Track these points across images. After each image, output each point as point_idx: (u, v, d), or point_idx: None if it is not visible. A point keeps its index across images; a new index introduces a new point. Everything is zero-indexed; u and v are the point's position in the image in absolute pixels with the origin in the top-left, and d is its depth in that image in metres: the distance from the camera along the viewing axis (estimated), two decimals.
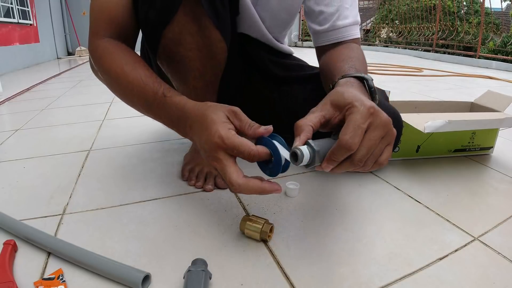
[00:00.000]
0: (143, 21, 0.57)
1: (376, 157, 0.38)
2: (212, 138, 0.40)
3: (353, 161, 0.37)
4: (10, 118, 1.37)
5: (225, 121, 0.42)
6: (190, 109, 0.46)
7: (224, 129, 0.40)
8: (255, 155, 0.40)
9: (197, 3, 0.54)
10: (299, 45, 5.74)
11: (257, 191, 0.40)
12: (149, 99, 0.50)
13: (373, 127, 0.37)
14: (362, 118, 0.37)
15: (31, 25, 3.92)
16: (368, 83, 0.48)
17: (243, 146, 0.40)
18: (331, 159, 0.38)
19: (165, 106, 0.48)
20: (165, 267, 0.45)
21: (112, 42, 0.55)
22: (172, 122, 0.49)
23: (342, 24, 0.65)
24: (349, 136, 0.36)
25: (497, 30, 4.14)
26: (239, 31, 0.74)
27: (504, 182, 0.70)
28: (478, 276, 0.43)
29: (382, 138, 0.38)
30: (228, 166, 0.40)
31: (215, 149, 0.41)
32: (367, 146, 0.37)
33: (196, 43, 0.57)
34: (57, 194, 0.66)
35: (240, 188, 0.40)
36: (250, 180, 0.40)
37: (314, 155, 0.38)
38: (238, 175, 0.40)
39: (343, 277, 0.43)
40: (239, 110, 0.43)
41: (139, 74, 0.51)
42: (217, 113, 0.42)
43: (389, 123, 0.38)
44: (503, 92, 0.89)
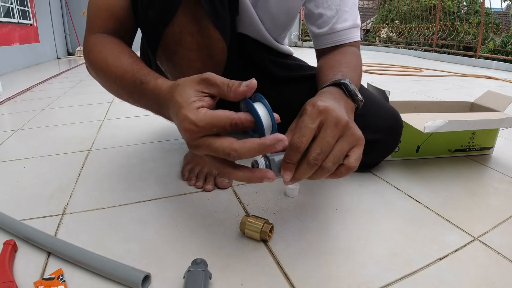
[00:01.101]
0: (143, 21, 0.57)
1: (338, 158, 0.37)
2: (185, 126, 0.36)
3: (308, 162, 0.37)
4: (10, 118, 1.37)
5: (193, 99, 0.36)
6: (164, 93, 0.42)
7: (192, 112, 0.35)
8: (238, 124, 0.35)
9: (197, 3, 0.54)
10: (299, 45, 5.74)
11: (258, 149, 0.35)
12: (130, 88, 0.47)
13: (325, 125, 0.37)
14: (309, 118, 0.37)
15: (31, 25, 3.92)
16: (346, 88, 0.47)
17: (220, 120, 0.35)
18: (286, 162, 0.37)
19: (144, 94, 0.45)
20: (165, 267, 0.45)
21: (103, 36, 0.55)
22: (155, 109, 0.46)
23: (341, 27, 0.65)
24: (297, 135, 0.37)
25: (497, 30, 4.13)
26: (239, 31, 0.74)
27: (504, 182, 0.70)
28: (478, 276, 0.43)
29: (340, 138, 0.38)
30: (214, 142, 0.35)
31: (191, 137, 0.36)
32: (320, 145, 0.37)
33: (196, 43, 0.57)
34: (57, 194, 0.66)
35: (238, 152, 0.34)
36: (246, 141, 0.35)
37: (270, 164, 0.39)
38: (230, 142, 0.35)
39: (343, 277, 0.43)
40: (211, 76, 0.38)
41: (121, 63, 0.49)
42: (183, 93, 0.37)
43: (343, 122, 0.38)
44: (503, 92, 0.89)
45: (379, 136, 0.67)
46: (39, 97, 1.77)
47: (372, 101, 0.69)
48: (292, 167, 0.38)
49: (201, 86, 0.38)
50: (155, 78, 0.45)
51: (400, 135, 0.71)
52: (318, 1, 0.66)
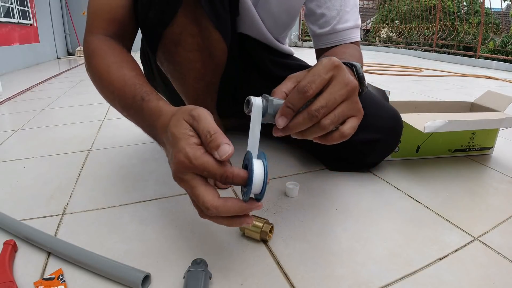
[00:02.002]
0: (143, 22, 0.57)
1: (338, 119, 0.36)
2: (178, 157, 0.34)
3: (310, 112, 0.35)
4: (10, 118, 1.37)
5: (189, 134, 0.35)
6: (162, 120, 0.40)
7: (190, 147, 0.34)
8: (229, 178, 0.34)
9: (197, 4, 0.54)
10: (299, 45, 5.74)
11: (236, 211, 0.35)
12: (128, 102, 0.46)
13: (335, 81, 0.36)
14: (323, 68, 0.36)
15: (31, 25, 3.92)
16: (357, 70, 0.47)
17: (215, 168, 0.34)
18: (286, 106, 0.35)
19: (142, 112, 0.44)
20: (165, 267, 0.45)
21: (106, 40, 0.54)
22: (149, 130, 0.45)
23: (343, 27, 0.65)
24: (307, 80, 0.35)
25: (497, 30, 4.14)
26: (239, 31, 0.74)
27: (504, 182, 0.70)
28: (478, 276, 0.43)
29: (345, 100, 0.36)
30: (199, 187, 0.34)
31: (182, 169, 0.35)
32: (325, 98, 0.35)
33: (197, 44, 0.57)
34: (57, 194, 0.66)
35: (218, 210, 0.34)
36: (228, 200, 0.34)
37: (267, 104, 0.36)
38: (214, 196, 0.34)
39: (343, 277, 0.43)
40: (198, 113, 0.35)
41: (123, 74, 0.48)
42: (178, 125, 0.36)
43: (353, 85, 0.37)
44: (503, 92, 0.89)
45: (379, 136, 0.67)
46: (39, 97, 1.77)
47: (372, 101, 0.69)
48: (291, 114, 0.36)
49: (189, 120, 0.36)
50: (158, 99, 0.44)
51: (400, 135, 0.71)
52: (319, 1, 0.66)
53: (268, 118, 0.37)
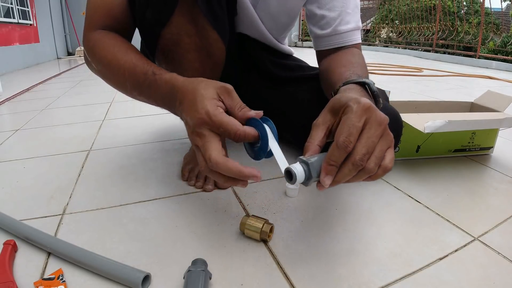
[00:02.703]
0: (140, 22, 0.57)
1: (380, 159, 0.37)
2: (199, 114, 0.39)
3: (354, 163, 0.35)
4: (10, 118, 1.37)
5: (214, 97, 0.41)
6: (180, 85, 0.45)
7: (212, 106, 0.39)
8: (241, 135, 0.39)
9: (194, 4, 0.54)
10: (299, 45, 5.74)
11: (234, 172, 0.38)
12: (140, 80, 0.49)
13: (369, 124, 0.36)
14: (356, 117, 0.36)
15: (31, 25, 3.92)
16: (370, 87, 0.47)
17: (229, 124, 0.39)
18: (329, 164, 0.36)
19: (156, 84, 0.48)
20: (165, 267, 0.45)
21: (105, 32, 0.56)
22: (163, 100, 0.48)
23: (344, 29, 0.65)
24: (344, 135, 0.35)
25: (497, 30, 4.14)
26: (238, 31, 0.74)
27: (504, 182, 0.70)
28: (478, 276, 0.43)
29: (381, 137, 0.37)
30: (211, 142, 0.39)
31: (200, 124, 0.39)
32: (365, 145, 0.35)
33: (194, 44, 0.57)
34: (57, 194, 0.66)
35: (217, 166, 0.38)
36: (229, 161, 0.38)
37: (309, 168, 0.36)
38: (219, 153, 0.38)
39: (343, 277, 0.43)
40: (231, 88, 0.42)
41: (130, 57, 0.51)
42: (208, 89, 0.41)
43: (385, 122, 0.37)
44: (503, 92, 0.89)
45: None
46: (39, 97, 1.77)
47: None
48: (335, 170, 0.36)
49: (222, 92, 0.42)
50: (167, 72, 0.48)
51: (400, 135, 0.71)
52: (320, 3, 0.66)
53: (313, 180, 0.37)
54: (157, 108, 1.31)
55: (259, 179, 0.38)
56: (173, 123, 1.11)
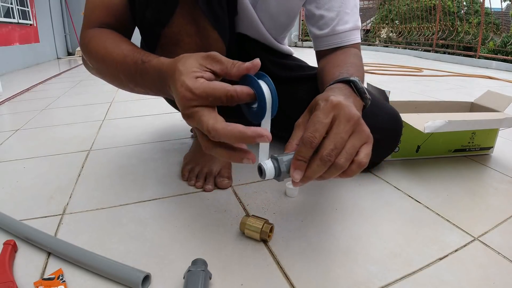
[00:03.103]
0: (140, 21, 0.57)
1: (351, 155, 0.37)
2: (180, 93, 0.36)
3: (322, 158, 0.35)
4: (10, 118, 1.37)
5: (193, 70, 0.37)
6: (165, 68, 0.42)
7: (190, 79, 0.36)
8: (234, 96, 0.36)
9: (195, 4, 0.54)
10: (299, 45, 5.74)
11: (237, 136, 0.34)
12: (132, 70, 0.48)
13: (338, 121, 0.36)
14: (323, 113, 0.36)
15: (31, 25, 3.92)
16: (355, 85, 0.47)
17: (216, 89, 0.35)
18: (297, 159, 0.36)
19: (146, 72, 0.46)
20: (165, 267, 0.45)
21: (100, 29, 0.55)
22: (156, 87, 0.46)
23: (342, 29, 0.65)
24: (309, 130, 0.36)
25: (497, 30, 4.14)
26: (238, 31, 0.74)
27: (504, 182, 0.70)
28: (478, 276, 0.43)
29: (352, 134, 0.37)
30: (204, 115, 0.36)
31: (186, 104, 0.36)
32: (333, 140, 0.36)
33: (195, 44, 0.57)
34: (57, 194, 0.66)
35: (218, 133, 0.35)
36: (230, 124, 0.35)
37: (279, 165, 0.37)
38: (216, 121, 0.35)
39: (343, 277, 0.43)
40: (216, 54, 0.38)
41: (121, 49, 0.50)
42: (186, 63, 0.38)
43: (354, 117, 0.37)
44: (503, 92, 0.89)
45: (379, 136, 0.66)
46: (39, 97, 1.77)
47: (372, 101, 0.69)
48: (303, 165, 0.36)
49: (206, 61, 0.38)
50: (157, 57, 0.46)
51: (400, 135, 0.71)
52: (319, 3, 0.66)
53: (283, 176, 0.38)
54: (157, 108, 1.32)
55: (267, 138, 0.34)
56: (173, 123, 1.11)
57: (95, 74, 0.59)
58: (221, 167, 0.69)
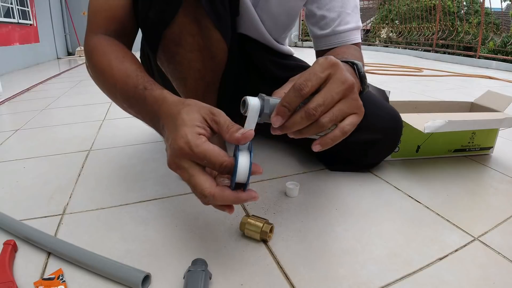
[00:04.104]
0: (143, 21, 0.57)
1: (336, 117, 0.36)
2: (178, 143, 0.35)
3: (307, 110, 0.34)
4: (10, 118, 1.37)
5: (197, 124, 0.36)
6: (166, 106, 0.41)
7: (193, 135, 0.35)
8: (227, 168, 0.35)
9: (198, 4, 0.54)
10: (299, 45, 5.74)
11: (232, 200, 0.36)
12: (130, 92, 0.46)
13: (332, 80, 0.36)
14: (320, 67, 0.35)
15: (31, 25, 3.92)
16: (358, 68, 0.47)
17: (214, 157, 0.35)
18: (282, 105, 0.35)
19: (144, 100, 0.44)
20: (165, 267, 0.45)
21: (105, 38, 0.55)
22: (148, 117, 0.45)
23: (343, 29, 0.65)
24: (302, 79, 0.35)
25: (497, 30, 4.13)
26: (239, 31, 0.74)
27: (504, 182, 0.70)
28: (478, 276, 0.43)
29: (343, 98, 0.36)
30: (197, 175, 0.35)
31: (180, 156, 0.35)
32: (322, 96, 0.35)
33: (197, 43, 0.57)
34: (57, 194, 0.66)
35: (214, 198, 0.35)
36: (225, 190, 0.36)
37: (264, 104, 0.35)
38: (211, 185, 0.35)
39: (343, 277, 0.43)
40: (218, 112, 0.38)
41: (125, 67, 0.49)
42: (191, 114, 0.37)
43: (350, 83, 0.36)
44: (503, 92, 0.89)
45: (379, 136, 0.67)
46: (39, 97, 1.77)
47: (372, 101, 0.69)
48: (286, 113, 0.35)
49: (208, 117, 0.38)
50: (161, 88, 0.45)
51: (400, 135, 0.71)
52: (320, 3, 0.66)
53: (264, 117, 0.37)
54: None
55: (257, 199, 0.37)
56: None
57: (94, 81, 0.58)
58: None
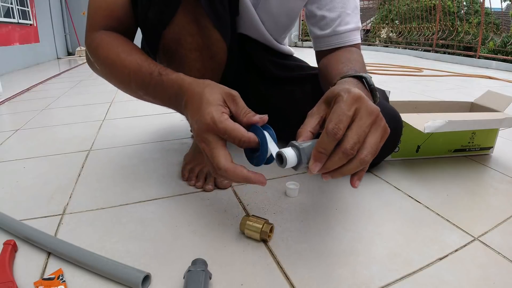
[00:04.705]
0: (143, 21, 0.57)
1: (374, 151, 0.37)
2: (205, 120, 0.40)
3: (345, 151, 0.35)
4: (10, 118, 1.37)
5: (220, 104, 0.42)
6: (187, 86, 0.46)
7: (218, 112, 0.40)
8: (245, 142, 0.40)
9: (197, 3, 0.54)
10: (299, 45, 5.74)
11: (242, 178, 0.40)
12: (146, 80, 0.50)
13: (360, 114, 0.36)
14: (346, 105, 0.36)
15: (31, 25, 3.92)
16: (367, 81, 0.47)
17: (235, 131, 0.40)
18: (318, 151, 0.35)
19: (162, 84, 0.49)
20: (165, 267, 0.45)
21: (107, 33, 0.56)
22: (169, 99, 0.49)
23: (343, 29, 0.65)
24: (334, 122, 0.35)
25: (497, 30, 4.13)
26: (239, 31, 0.74)
27: (504, 182, 0.70)
28: (478, 276, 0.43)
29: (372, 128, 0.37)
30: (217, 149, 0.40)
31: (206, 131, 0.41)
32: (356, 133, 0.35)
33: (196, 43, 0.57)
34: (57, 194, 0.66)
35: (226, 173, 0.40)
36: (237, 167, 0.40)
37: (300, 154, 0.36)
38: (227, 160, 0.40)
39: (343, 277, 0.43)
40: (237, 95, 0.43)
41: (135, 58, 0.51)
42: (214, 94, 0.42)
43: (376, 111, 0.37)
44: (503, 92, 0.89)
45: None
46: (39, 97, 1.77)
47: None
48: (324, 158, 0.36)
49: (228, 99, 0.43)
50: (173, 72, 0.49)
51: (400, 135, 0.71)
52: (320, 3, 0.66)
53: (302, 166, 0.37)
54: (157, 108, 1.32)
55: (264, 184, 0.41)
56: (173, 123, 1.11)
57: (101, 76, 0.59)
58: None
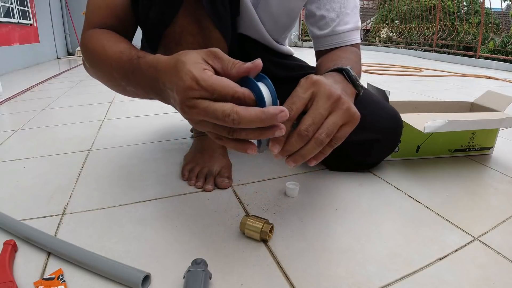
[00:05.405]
0: (143, 21, 0.57)
1: (331, 131, 0.37)
2: (184, 82, 0.33)
3: (299, 133, 0.36)
4: (10, 118, 1.37)
5: (199, 61, 0.35)
6: (162, 63, 0.39)
7: (198, 70, 0.34)
8: (241, 98, 0.33)
9: (198, 4, 0.54)
10: (299, 45, 5.74)
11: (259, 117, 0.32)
12: (126, 67, 0.46)
13: (317, 98, 0.37)
14: (301, 89, 0.37)
15: (31, 25, 3.92)
16: (347, 73, 0.48)
17: (224, 86, 0.33)
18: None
19: (140, 69, 0.43)
20: (165, 267, 0.45)
21: (101, 29, 0.55)
22: (150, 86, 0.43)
23: (342, 29, 0.66)
24: (288, 103, 0.36)
25: (497, 30, 4.13)
26: (239, 31, 0.74)
27: (504, 182, 0.70)
28: (478, 276, 0.43)
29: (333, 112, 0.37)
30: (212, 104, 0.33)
31: (189, 94, 0.33)
32: (311, 116, 0.36)
33: (197, 43, 0.57)
34: (57, 194, 0.66)
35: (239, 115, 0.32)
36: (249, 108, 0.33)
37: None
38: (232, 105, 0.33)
39: (343, 277, 0.43)
40: (218, 50, 0.37)
41: (118, 47, 0.49)
42: (189, 54, 0.36)
43: (336, 96, 0.37)
44: (503, 92, 0.89)
45: (379, 136, 0.67)
46: (39, 97, 1.77)
47: (372, 101, 0.69)
48: (281, 139, 0.37)
49: (208, 57, 0.36)
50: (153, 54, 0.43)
51: (400, 135, 0.71)
52: (320, 3, 0.66)
53: (264, 148, 0.39)
54: (157, 108, 1.32)
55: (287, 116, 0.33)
56: (173, 123, 1.11)
57: (91, 74, 0.58)
58: (221, 167, 0.69)
